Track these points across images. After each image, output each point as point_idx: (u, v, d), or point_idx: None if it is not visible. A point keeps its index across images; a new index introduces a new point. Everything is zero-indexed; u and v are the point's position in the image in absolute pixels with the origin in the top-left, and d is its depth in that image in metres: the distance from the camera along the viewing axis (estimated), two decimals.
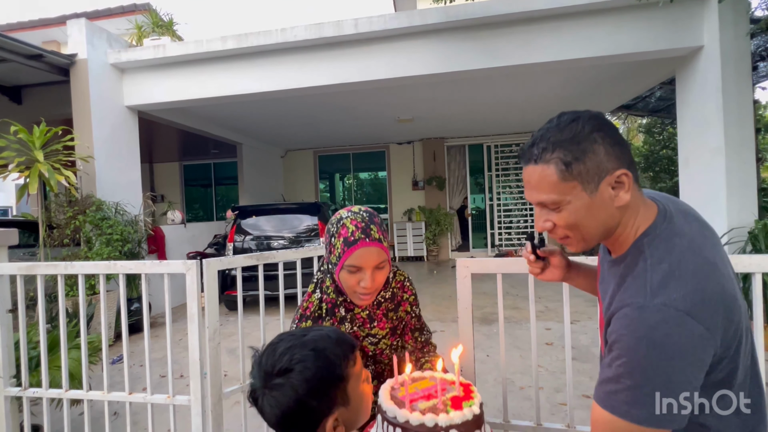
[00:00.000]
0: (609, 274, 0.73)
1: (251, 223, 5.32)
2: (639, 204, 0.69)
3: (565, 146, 0.64)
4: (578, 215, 0.67)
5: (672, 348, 0.57)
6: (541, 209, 0.70)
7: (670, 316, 0.58)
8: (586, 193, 0.65)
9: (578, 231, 0.69)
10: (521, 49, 3.91)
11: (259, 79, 4.33)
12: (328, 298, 1.02)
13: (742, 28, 3.50)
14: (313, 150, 9.59)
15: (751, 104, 3.60)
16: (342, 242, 0.94)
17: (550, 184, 0.66)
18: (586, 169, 0.64)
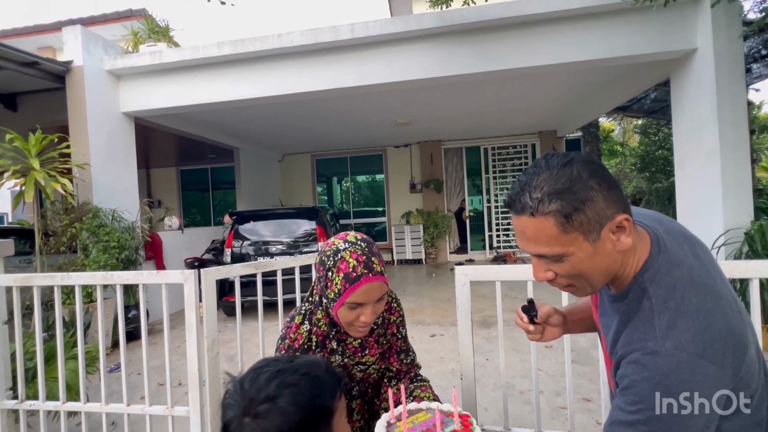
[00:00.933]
0: (611, 309, 0.72)
1: (249, 228, 5.31)
2: (636, 241, 0.67)
3: (563, 197, 0.61)
4: (582, 265, 0.64)
5: (688, 394, 0.56)
6: (540, 260, 0.68)
7: (683, 361, 0.57)
8: (589, 242, 0.63)
9: (583, 280, 0.67)
10: (517, 52, 3.93)
11: (256, 84, 4.34)
12: (319, 331, 0.97)
13: (735, 31, 3.53)
14: (310, 154, 9.59)
15: (745, 105, 3.63)
16: (342, 278, 0.89)
17: (550, 237, 0.63)
18: (587, 218, 0.61)
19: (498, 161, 8.95)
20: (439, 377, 3.12)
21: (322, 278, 0.94)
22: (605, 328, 0.73)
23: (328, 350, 0.99)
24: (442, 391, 2.89)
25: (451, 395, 0.80)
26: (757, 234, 3.21)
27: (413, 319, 4.72)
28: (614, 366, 0.66)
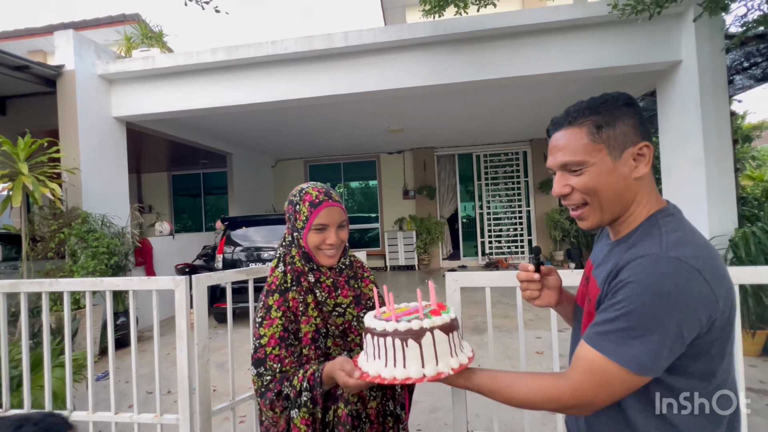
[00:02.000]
0: (611, 254, 0.74)
1: (241, 234, 5.28)
2: (653, 186, 0.72)
3: (600, 111, 0.69)
4: (599, 180, 0.69)
5: (677, 299, 0.59)
6: (562, 174, 0.73)
7: (682, 269, 0.60)
8: (611, 158, 0.68)
9: (596, 197, 0.70)
10: (508, 62, 4.00)
11: (250, 90, 4.35)
12: (295, 267, 1.05)
13: (717, 44, 3.64)
14: (303, 160, 9.60)
15: (728, 116, 3.73)
16: (308, 206, 1.03)
17: (578, 146, 0.69)
18: (615, 135, 0.68)
19: (490, 168, 9.04)
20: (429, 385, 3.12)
21: (291, 215, 1.07)
22: (599, 275, 0.74)
23: (304, 288, 1.04)
24: (434, 399, 2.89)
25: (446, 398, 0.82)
26: (741, 241, 3.28)
27: None
28: (608, 279, 0.67)
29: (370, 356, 0.82)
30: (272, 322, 0.99)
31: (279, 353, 0.97)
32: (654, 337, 0.59)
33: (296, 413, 0.93)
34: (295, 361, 0.99)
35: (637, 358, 0.60)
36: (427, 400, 2.89)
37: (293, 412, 0.93)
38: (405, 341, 0.76)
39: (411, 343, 0.76)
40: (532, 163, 8.76)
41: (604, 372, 0.63)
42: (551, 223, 8.35)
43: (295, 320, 1.01)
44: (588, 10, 3.75)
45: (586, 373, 0.65)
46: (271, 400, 0.94)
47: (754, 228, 3.29)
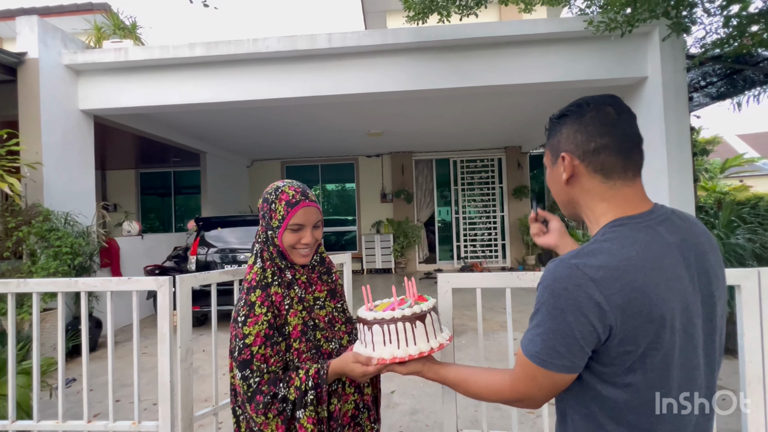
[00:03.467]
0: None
1: (216, 235, 5.13)
2: (607, 196, 0.72)
3: (550, 120, 0.81)
4: (547, 179, 0.84)
5: (566, 301, 0.63)
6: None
7: (575, 275, 0.64)
8: (551, 163, 0.80)
9: (552, 193, 0.84)
10: (487, 71, 4.12)
11: (230, 88, 4.25)
12: (272, 264, 1.04)
13: (680, 63, 3.90)
14: (280, 161, 9.45)
15: (688, 130, 4.00)
16: (284, 205, 1.02)
17: (546, 151, 0.83)
18: (552, 143, 0.79)
19: (466, 174, 9.24)
20: (410, 386, 3.14)
21: (266, 213, 1.05)
22: None
23: (285, 283, 1.03)
24: (414, 401, 2.91)
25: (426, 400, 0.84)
26: None
27: None
28: None
29: (378, 344, 0.91)
30: (257, 319, 0.95)
31: (265, 352, 0.93)
32: (548, 334, 0.65)
33: (302, 413, 0.92)
34: (280, 361, 0.96)
35: (538, 352, 0.67)
36: (408, 402, 2.90)
37: (299, 413, 0.92)
38: (414, 323, 0.90)
39: (419, 324, 0.90)
40: (506, 170, 9.02)
41: (526, 366, 0.69)
42: (524, 228, 8.62)
43: (279, 315, 0.99)
44: (564, 24, 3.93)
45: (518, 368, 0.72)
46: (264, 404, 0.90)
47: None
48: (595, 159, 0.72)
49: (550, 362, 0.66)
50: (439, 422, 2.59)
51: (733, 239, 3.64)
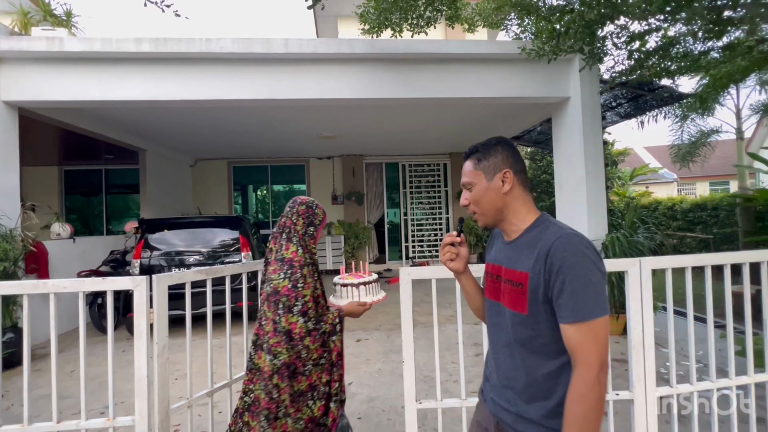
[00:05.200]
0: (512, 249, 1.03)
1: (161, 237, 4.91)
2: (525, 202, 1.03)
3: (479, 150, 1.06)
4: (479, 194, 1.04)
5: (596, 256, 0.91)
6: (464, 190, 1.08)
7: (585, 239, 0.93)
8: (486, 180, 1.03)
9: (479, 206, 1.04)
10: (435, 84, 4.46)
11: (180, 86, 4.14)
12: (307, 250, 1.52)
13: (595, 87, 4.56)
14: (227, 160, 9.15)
15: (601, 144, 4.68)
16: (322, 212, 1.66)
17: (469, 172, 1.06)
18: (487, 165, 1.03)
19: (414, 177, 9.67)
20: (366, 377, 3.35)
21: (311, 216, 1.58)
22: (511, 261, 1.03)
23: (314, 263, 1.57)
24: (371, 389, 3.12)
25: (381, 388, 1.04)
26: (609, 244, 4.16)
27: None
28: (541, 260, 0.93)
29: (362, 295, 1.69)
30: (308, 286, 1.42)
31: (314, 306, 1.42)
32: (602, 284, 0.90)
33: (335, 338, 1.49)
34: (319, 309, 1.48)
35: (605, 302, 0.89)
36: (365, 391, 3.10)
37: (332, 338, 1.48)
38: (377, 283, 1.74)
39: (376, 284, 1.73)
40: (451, 175, 9.60)
41: (601, 328, 0.86)
42: (467, 229, 9.24)
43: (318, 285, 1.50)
44: (501, 47, 4.39)
45: (593, 342, 0.86)
46: (315, 337, 1.41)
47: (618, 234, 4.20)
48: (523, 176, 1.05)
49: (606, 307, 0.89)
50: (394, 407, 2.82)
51: (635, 237, 4.33)
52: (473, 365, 3.44)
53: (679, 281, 1.81)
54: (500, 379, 1.05)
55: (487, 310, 1.12)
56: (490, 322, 1.10)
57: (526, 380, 0.98)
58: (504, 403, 1.03)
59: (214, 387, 1.77)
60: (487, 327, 1.11)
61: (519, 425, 0.99)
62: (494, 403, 1.06)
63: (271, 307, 1.38)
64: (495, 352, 1.08)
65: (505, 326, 1.02)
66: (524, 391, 0.98)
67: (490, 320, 1.10)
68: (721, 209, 7.98)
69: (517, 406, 0.99)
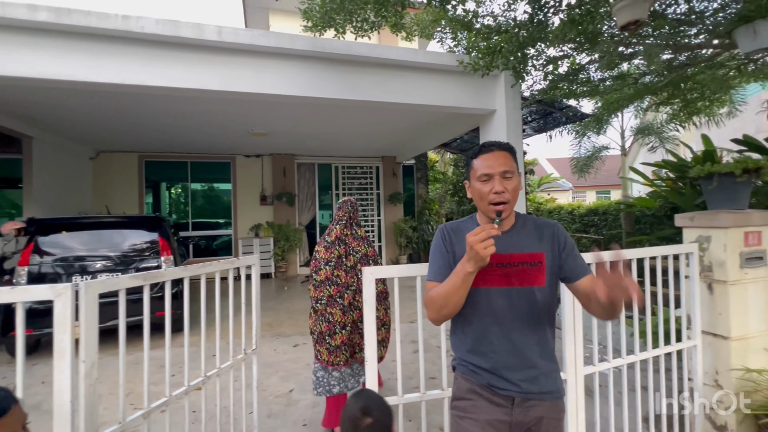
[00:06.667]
0: (512, 237, 1.24)
1: (57, 240, 4.19)
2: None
3: (511, 148, 1.28)
4: (517, 186, 1.23)
5: None
6: (499, 178, 1.18)
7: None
8: (518, 175, 1.24)
9: (515, 196, 1.21)
10: (376, 88, 4.53)
11: (86, 66, 3.58)
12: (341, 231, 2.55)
13: (517, 102, 5.05)
14: (138, 154, 8.15)
15: (522, 155, 5.19)
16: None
17: (509, 163, 1.21)
18: (517, 163, 1.25)
19: (347, 179, 9.66)
20: (308, 382, 3.25)
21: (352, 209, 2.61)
22: (517, 247, 1.22)
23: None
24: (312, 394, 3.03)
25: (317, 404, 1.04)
26: None
27: (273, 332, 4.65)
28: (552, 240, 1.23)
29: None
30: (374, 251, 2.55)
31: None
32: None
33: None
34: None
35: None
36: (308, 397, 3.01)
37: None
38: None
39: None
40: (383, 178, 9.79)
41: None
42: (398, 231, 9.51)
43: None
44: (439, 58, 4.63)
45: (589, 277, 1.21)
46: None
47: None
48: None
49: None
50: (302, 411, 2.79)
51: None
52: (411, 362, 3.55)
53: None
54: (516, 356, 1.18)
55: (491, 298, 1.20)
56: (493, 309, 1.19)
57: (540, 345, 1.20)
58: (527, 374, 1.17)
59: (151, 407, 1.57)
60: (487, 316, 1.20)
61: (546, 384, 1.18)
62: (516, 383, 1.17)
63: (365, 264, 2.41)
64: (505, 334, 1.19)
65: (518, 306, 1.18)
66: (542, 353, 1.20)
67: (495, 306, 1.19)
68: (609, 214, 9.40)
69: (540, 369, 1.18)
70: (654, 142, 8.04)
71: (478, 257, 1.01)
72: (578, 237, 9.54)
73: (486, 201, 1.19)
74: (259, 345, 2.27)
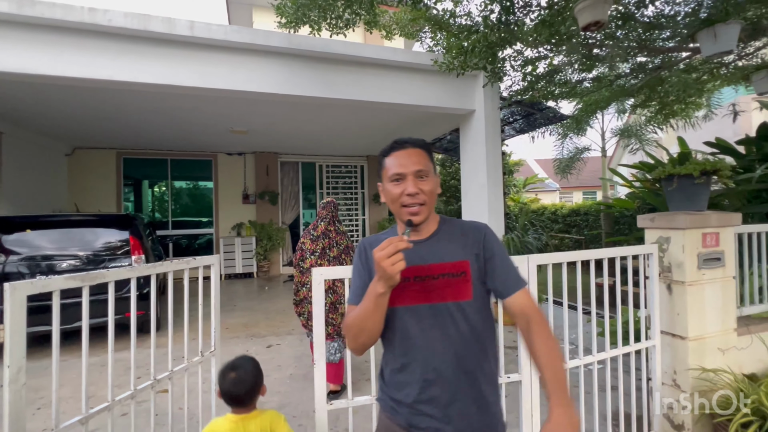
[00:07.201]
0: (432, 246, 1.07)
1: (21, 239, 4.07)
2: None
3: (426, 145, 1.10)
4: (434, 186, 1.06)
5: None
6: (413, 178, 1.03)
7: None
8: (434, 174, 1.06)
9: (432, 199, 1.05)
10: (353, 86, 4.49)
11: (52, 59, 3.47)
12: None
13: (496, 102, 5.06)
14: (116, 151, 7.97)
15: (500, 154, 5.21)
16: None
17: (424, 161, 1.05)
18: (432, 161, 1.09)
19: (331, 178, 9.60)
20: (278, 384, 3.21)
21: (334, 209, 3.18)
22: (436, 257, 1.05)
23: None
24: (282, 396, 2.99)
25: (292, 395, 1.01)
26: (505, 244, 4.65)
27: (248, 332, 4.59)
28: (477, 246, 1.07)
29: None
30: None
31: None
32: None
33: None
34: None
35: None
36: (275, 398, 2.97)
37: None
38: None
39: None
40: (368, 177, 9.76)
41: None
42: (381, 230, 9.49)
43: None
44: (417, 57, 4.62)
45: (534, 301, 1.06)
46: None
47: (512, 235, 4.71)
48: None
49: None
50: (306, 411, 2.75)
51: (526, 238, 4.92)
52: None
53: (557, 275, 2.10)
54: (442, 386, 1.00)
55: (409, 318, 1.03)
56: (412, 331, 1.02)
57: (473, 372, 1.02)
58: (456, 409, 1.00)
59: (90, 412, 1.52)
60: (406, 339, 1.03)
61: (482, 419, 1.01)
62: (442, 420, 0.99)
63: (348, 255, 2.96)
64: (426, 361, 1.01)
65: (442, 326, 1.01)
66: (475, 381, 1.01)
67: (415, 328, 1.02)
68: (590, 214, 9.52)
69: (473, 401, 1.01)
70: (634, 144, 8.16)
71: (386, 275, 0.88)
72: (560, 237, 9.64)
73: (398, 204, 1.03)
74: (219, 347, 2.22)
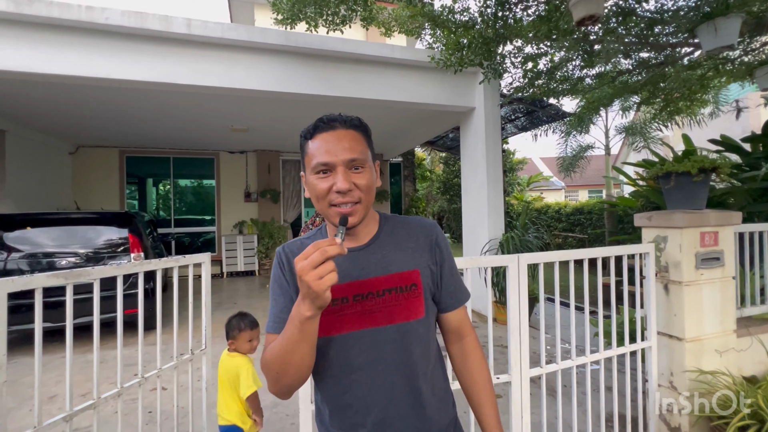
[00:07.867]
0: (373, 253, 0.85)
1: (22, 236, 4.11)
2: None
3: (363, 125, 0.90)
4: (372, 179, 0.83)
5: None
6: (344, 169, 0.80)
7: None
8: (372, 163, 0.85)
9: (369, 195, 0.82)
10: (352, 83, 4.47)
11: (51, 58, 3.49)
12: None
13: (496, 100, 5.01)
14: (119, 149, 8.03)
15: (500, 152, 5.16)
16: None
17: (359, 148, 0.83)
18: (370, 147, 0.88)
19: None
20: None
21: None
22: (380, 267, 0.84)
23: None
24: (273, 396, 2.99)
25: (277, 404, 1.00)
26: (505, 243, 4.60)
27: None
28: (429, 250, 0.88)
29: None
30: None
31: None
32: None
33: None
34: None
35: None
36: (269, 397, 2.96)
37: None
38: None
39: None
40: None
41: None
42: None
43: None
44: (416, 54, 4.58)
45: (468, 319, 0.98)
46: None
47: (512, 234, 4.67)
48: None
49: None
50: (298, 410, 2.74)
51: (526, 237, 4.86)
52: None
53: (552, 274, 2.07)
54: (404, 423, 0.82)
55: (356, 346, 0.81)
56: (354, 364, 0.81)
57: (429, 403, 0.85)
58: None
59: (74, 410, 1.52)
60: (347, 375, 0.82)
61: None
62: None
63: None
64: (374, 399, 0.81)
65: (392, 354, 0.81)
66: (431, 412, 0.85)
67: (357, 360, 0.81)
68: (594, 213, 9.42)
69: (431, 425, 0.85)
70: (638, 142, 8.05)
71: (312, 293, 0.62)
72: (564, 236, 9.56)
73: (326, 202, 0.79)
74: (210, 345, 2.22)
